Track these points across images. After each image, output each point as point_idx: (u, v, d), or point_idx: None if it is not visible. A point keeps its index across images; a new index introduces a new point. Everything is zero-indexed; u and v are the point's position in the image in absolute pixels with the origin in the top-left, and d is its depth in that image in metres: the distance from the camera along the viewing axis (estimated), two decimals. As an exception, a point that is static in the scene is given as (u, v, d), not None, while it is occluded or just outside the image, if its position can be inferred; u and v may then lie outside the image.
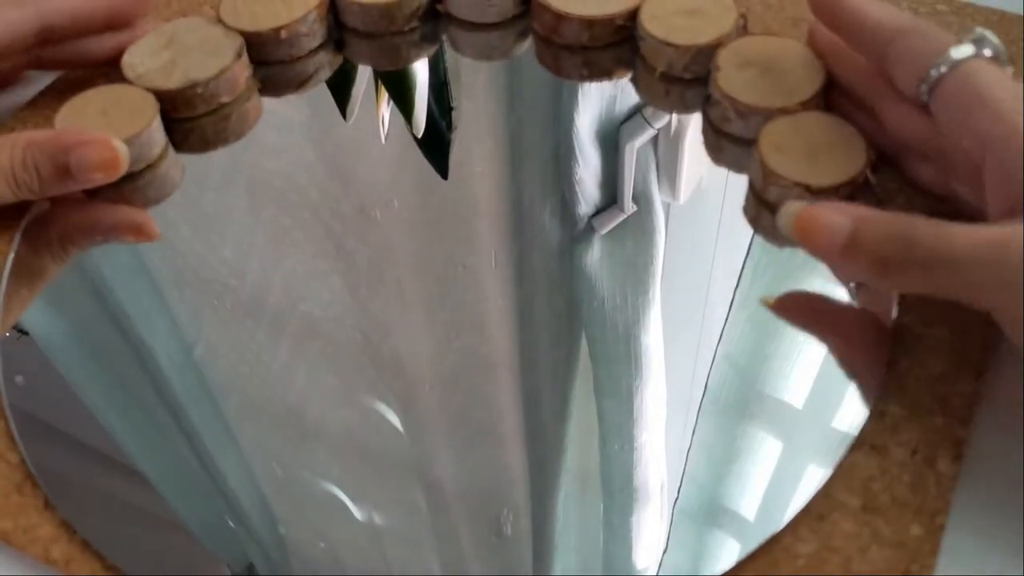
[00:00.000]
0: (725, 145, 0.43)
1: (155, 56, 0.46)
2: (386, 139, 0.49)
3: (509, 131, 0.49)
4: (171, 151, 0.45)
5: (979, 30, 0.35)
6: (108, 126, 0.43)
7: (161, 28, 0.47)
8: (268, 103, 0.48)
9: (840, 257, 0.33)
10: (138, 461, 0.38)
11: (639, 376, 0.40)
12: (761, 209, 0.40)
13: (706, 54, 0.43)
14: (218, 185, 0.47)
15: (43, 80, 0.49)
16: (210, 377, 0.41)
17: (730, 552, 0.33)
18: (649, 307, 0.42)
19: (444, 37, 0.50)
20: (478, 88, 0.51)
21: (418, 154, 0.48)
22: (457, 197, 0.47)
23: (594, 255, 0.44)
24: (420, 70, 0.50)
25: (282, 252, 0.45)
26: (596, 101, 0.48)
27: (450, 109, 0.49)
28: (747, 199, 0.41)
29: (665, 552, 0.35)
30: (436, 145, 0.48)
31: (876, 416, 0.34)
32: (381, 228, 0.46)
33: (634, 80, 0.46)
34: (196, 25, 0.47)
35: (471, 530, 0.37)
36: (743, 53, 0.43)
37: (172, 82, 0.44)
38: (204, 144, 0.46)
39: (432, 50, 0.50)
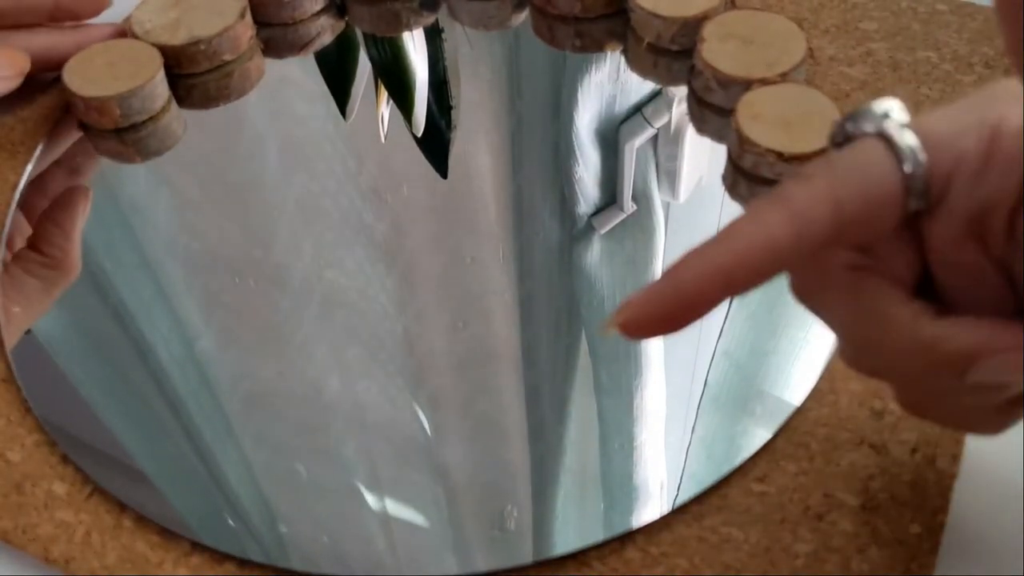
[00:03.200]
0: (708, 116, 0.44)
1: (163, 14, 0.48)
2: (386, 138, 0.49)
3: (509, 130, 0.49)
4: (174, 105, 0.47)
5: None
6: (114, 78, 0.45)
7: None
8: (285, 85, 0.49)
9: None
10: (137, 457, 0.38)
11: (639, 374, 0.40)
12: (738, 177, 0.41)
13: (692, 26, 0.44)
14: (246, 155, 0.49)
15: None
16: (211, 372, 0.41)
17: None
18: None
19: (444, 5, 0.51)
20: (478, 87, 0.51)
21: (417, 152, 0.48)
22: (459, 193, 0.47)
23: (594, 254, 0.44)
24: (420, 69, 0.50)
25: (307, 223, 0.46)
26: (596, 100, 0.48)
27: (449, 108, 0.49)
28: (725, 168, 0.42)
29: (665, 550, 0.35)
30: (436, 144, 0.48)
31: (876, 415, 0.34)
32: (392, 211, 0.46)
33: (625, 52, 0.48)
34: None
35: (475, 524, 0.37)
36: (728, 25, 0.44)
37: (177, 39, 0.47)
38: (206, 100, 0.48)
39: (432, 18, 0.51)
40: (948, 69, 0.43)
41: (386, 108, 0.49)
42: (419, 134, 0.48)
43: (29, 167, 0.45)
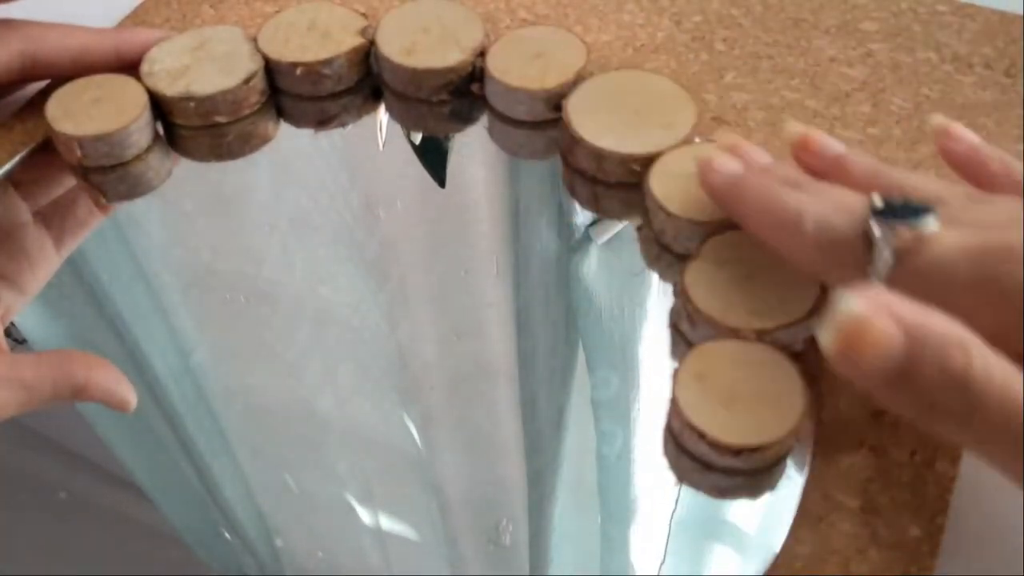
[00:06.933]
0: (677, 340, 0.37)
1: (177, 57, 0.45)
2: (384, 146, 0.49)
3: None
4: (153, 155, 0.44)
5: None
6: (89, 117, 0.42)
7: (199, 30, 0.46)
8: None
9: (882, 391, 0.25)
10: (133, 471, 0.38)
11: (636, 386, 0.40)
12: (679, 456, 0.33)
13: (699, 233, 0.37)
14: (237, 168, 0.46)
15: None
16: (208, 384, 0.41)
17: (728, 564, 0.32)
18: (646, 317, 0.42)
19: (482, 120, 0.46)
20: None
21: (416, 161, 0.48)
22: (454, 205, 0.46)
23: (591, 264, 0.43)
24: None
25: (300, 238, 0.45)
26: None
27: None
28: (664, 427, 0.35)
29: (662, 563, 0.34)
30: (434, 153, 0.48)
31: (875, 417, 0.33)
32: (385, 227, 0.45)
33: (640, 229, 0.40)
34: (230, 37, 0.46)
35: (470, 538, 0.36)
36: (736, 246, 0.36)
37: (173, 89, 0.43)
38: (199, 154, 0.45)
39: (461, 128, 0.46)
40: (948, 70, 0.43)
41: (384, 115, 0.49)
42: (417, 142, 0.48)
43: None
